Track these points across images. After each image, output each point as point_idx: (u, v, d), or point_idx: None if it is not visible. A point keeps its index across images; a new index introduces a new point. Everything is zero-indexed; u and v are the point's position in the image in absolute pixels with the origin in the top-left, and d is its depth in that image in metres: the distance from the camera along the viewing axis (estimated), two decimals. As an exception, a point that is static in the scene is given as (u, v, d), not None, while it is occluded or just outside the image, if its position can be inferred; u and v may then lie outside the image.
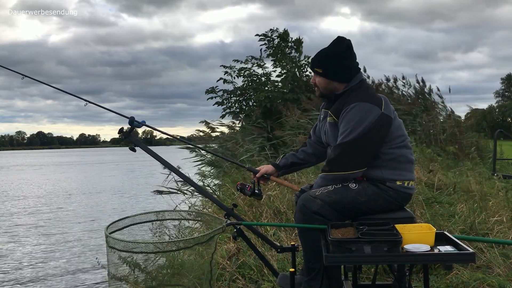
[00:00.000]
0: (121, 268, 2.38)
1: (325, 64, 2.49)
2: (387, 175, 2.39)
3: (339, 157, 2.38)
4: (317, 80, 2.54)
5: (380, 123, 2.34)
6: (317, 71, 2.52)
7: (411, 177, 2.46)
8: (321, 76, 2.51)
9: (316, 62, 2.54)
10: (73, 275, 6.30)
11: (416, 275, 3.19)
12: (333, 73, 2.47)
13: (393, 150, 2.41)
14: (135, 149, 2.64)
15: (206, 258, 2.51)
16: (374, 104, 2.35)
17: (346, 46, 2.48)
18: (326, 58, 2.50)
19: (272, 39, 12.37)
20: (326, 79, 2.50)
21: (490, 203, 4.81)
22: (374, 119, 2.32)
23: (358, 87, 2.46)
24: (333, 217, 2.34)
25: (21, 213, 12.75)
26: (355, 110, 2.35)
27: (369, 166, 2.39)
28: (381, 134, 2.36)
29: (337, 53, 2.47)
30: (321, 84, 2.53)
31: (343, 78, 2.48)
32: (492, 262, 3.37)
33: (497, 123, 33.78)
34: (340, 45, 2.48)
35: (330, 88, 2.51)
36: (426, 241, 1.97)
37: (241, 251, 3.69)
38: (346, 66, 2.47)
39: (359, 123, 2.32)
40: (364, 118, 2.33)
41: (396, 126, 2.44)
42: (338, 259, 1.94)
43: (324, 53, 2.51)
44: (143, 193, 15.70)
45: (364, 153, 2.35)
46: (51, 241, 8.77)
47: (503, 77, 61.55)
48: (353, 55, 2.51)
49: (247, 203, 5.17)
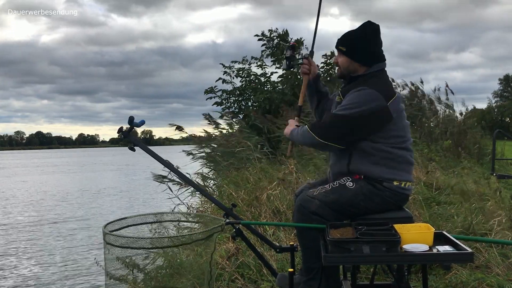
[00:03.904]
0: (119, 268, 2.37)
1: (350, 44, 2.49)
2: (384, 173, 2.39)
3: (325, 124, 2.41)
4: (339, 60, 2.54)
5: (378, 115, 2.33)
6: (341, 49, 2.51)
7: (409, 178, 2.46)
8: (344, 55, 2.50)
9: (341, 41, 2.53)
10: (72, 275, 6.29)
11: (415, 275, 3.20)
12: (356, 53, 2.47)
13: (393, 150, 2.40)
14: (134, 148, 2.64)
15: (205, 258, 2.51)
16: (382, 95, 2.34)
17: (373, 30, 2.48)
18: (351, 38, 2.50)
19: (272, 39, 12.36)
20: (348, 58, 2.49)
21: (488, 203, 4.81)
22: (375, 107, 2.31)
23: (376, 75, 2.45)
24: (331, 217, 2.34)
25: (22, 213, 12.75)
26: (360, 93, 2.35)
27: (368, 162, 2.39)
28: (374, 125, 2.35)
29: (363, 35, 2.47)
30: (343, 63, 2.52)
31: (365, 61, 2.47)
32: (491, 262, 3.38)
33: (495, 123, 33.84)
34: (368, 28, 2.48)
35: (351, 68, 2.50)
36: (425, 241, 1.97)
37: (240, 251, 3.69)
38: (369, 50, 2.47)
39: (359, 105, 2.32)
40: (366, 102, 2.32)
41: (399, 126, 2.43)
42: (337, 259, 1.94)
43: (351, 33, 2.51)
44: (143, 194, 15.70)
45: (349, 133, 2.36)
46: (50, 241, 8.77)
47: (501, 78, 61.74)
48: (379, 41, 2.50)
49: (246, 203, 5.17)
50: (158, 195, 7.53)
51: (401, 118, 2.45)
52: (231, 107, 12.05)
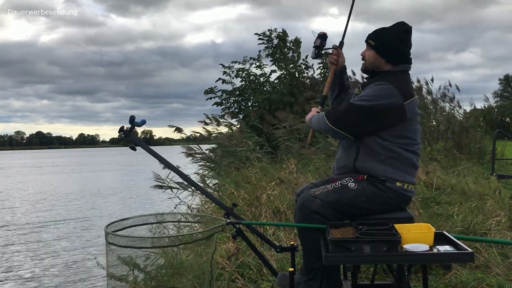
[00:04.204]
0: (120, 268, 2.38)
1: (379, 39, 2.50)
2: (388, 173, 2.39)
3: (340, 112, 2.42)
4: (366, 53, 2.55)
5: (394, 111, 2.34)
6: (370, 42, 2.52)
7: (412, 181, 2.46)
8: (372, 48, 2.51)
9: (371, 35, 2.55)
10: (72, 276, 6.30)
11: (415, 274, 3.20)
12: (384, 49, 2.48)
13: (401, 150, 2.40)
14: (135, 148, 2.64)
15: (205, 258, 2.52)
16: (401, 94, 2.35)
17: (405, 30, 2.48)
18: (381, 33, 2.51)
19: (271, 39, 12.36)
20: (375, 53, 2.50)
21: (488, 203, 4.81)
22: (391, 103, 2.32)
23: (399, 75, 2.46)
24: (332, 216, 2.35)
25: (24, 213, 12.75)
26: (380, 87, 2.36)
27: (374, 160, 2.39)
28: (387, 120, 2.36)
29: (394, 33, 2.48)
30: (369, 57, 2.53)
31: (391, 58, 2.48)
32: (491, 262, 3.38)
33: (496, 123, 33.81)
34: (400, 27, 2.49)
35: (376, 64, 2.51)
36: (425, 241, 1.98)
37: (240, 250, 3.69)
38: (397, 48, 2.48)
39: (376, 98, 2.33)
40: (384, 97, 2.33)
41: (411, 129, 2.44)
42: (337, 259, 1.95)
43: (383, 29, 2.53)
44: (143, 195, 15.71)
45: (361, 124, 2.36)
46: (49, 241, 8.78)
47: (501, 78, 61.71)
48: (408, 42, 2.50)
49: (247, 202, 5.18)
50: (158, 195, 7.53)
51: (414, 121, 2.45)
52: (231, 108, 12.06)
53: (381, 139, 2.39)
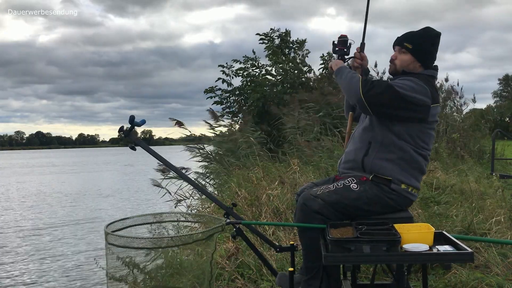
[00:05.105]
0: (120, 268, 2.37)
1: (417, 43, 2.49)
2: (396, 173, 2.38)
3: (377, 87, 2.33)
4: (400, 57, 2.53)
5: (422, 109, 2.33)
6: (407, 46, 2.49)
7: (417, 185, 2.46)
8: (409, 52, 2.49)
9: (407, 38, 2.52)
10: (72, 276, 6.30)
11: (414, 274, 3.20)
12: (421, 53, 2.48)
13: (412, 152, 2.40)
14: (135, 148, 2.64)
15: (205, 258, 2.51)
16: (431, 96, 2.35)
17: (437, 35, 2.50)
18: (418, 38, 2.50)
19: (273, 39, 12.34)
20: (412, 57, 2.49)
21: (488, 203, 4.81)
22: (422, 101, 2.32)
23: (429, 78, 2.47)
24: (333, 216, 2.34)
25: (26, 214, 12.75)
26: (414, 82, 2.35)
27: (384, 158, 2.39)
28: (412, 115, 2.34)
29: (428, 38, 2.49)
30: (404, 61, 2.51)
31: (425, 61, 2.49)
32: (490, 261, 3.38)
33: (495, 122, 33.81)
34: (431, 32, 2.50)
35: (411, 67, 2.50)
36: (425, 240, 1.98)
37: (240, 250, 3.69)
38: (431, 52, 2.50)
39: (412, 91, 2.31)
40: (418, 92, 2.32)
41: (427, 133, 2.44)
42: (337, 259, 1.95)
43: (417, 33, 2.52)
44: (144, 194, 15.71)
45: (390, 106, 2.31)
46: (48, 242, 8.78)
47: (500, 78, 61.75)
48: (437, 47, 2.52)
49: (247, 202, 5.18)
50: (158, 195, 7.54)
51: (432, 126, 2.46)
52: (231, 107, 12.05)
53: (397, 137, 2.39)
